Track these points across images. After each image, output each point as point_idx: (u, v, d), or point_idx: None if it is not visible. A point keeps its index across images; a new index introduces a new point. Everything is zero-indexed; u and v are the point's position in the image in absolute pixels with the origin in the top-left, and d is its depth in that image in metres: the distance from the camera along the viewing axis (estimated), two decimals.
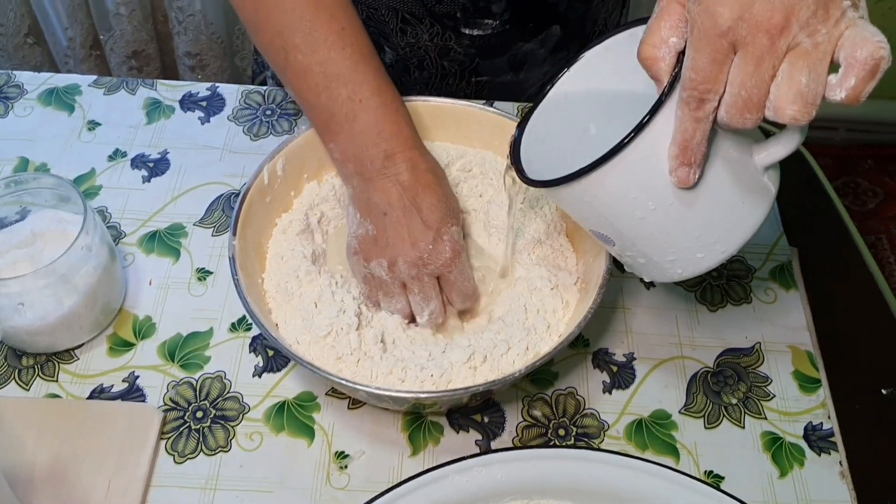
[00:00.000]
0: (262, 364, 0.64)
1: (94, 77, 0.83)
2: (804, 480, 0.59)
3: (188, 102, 0.81)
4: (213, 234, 0.71)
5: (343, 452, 0.59)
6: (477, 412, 0.62)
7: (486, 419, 0.61)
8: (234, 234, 0.60)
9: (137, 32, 1.59)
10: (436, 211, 0.58)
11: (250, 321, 0.64)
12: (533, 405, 0.62)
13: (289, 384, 0.63)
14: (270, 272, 0.63)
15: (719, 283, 0.69)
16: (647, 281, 0.57)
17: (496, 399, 0.62)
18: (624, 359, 0.65)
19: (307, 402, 0.62)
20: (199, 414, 0.61)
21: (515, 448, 0.54)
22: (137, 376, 0.63)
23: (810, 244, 0.73)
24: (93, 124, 0.79)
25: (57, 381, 0.62)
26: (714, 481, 0.59)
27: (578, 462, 0.54)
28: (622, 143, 0.44)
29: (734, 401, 0.63)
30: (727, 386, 0.64)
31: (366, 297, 0.61)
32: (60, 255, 0.57)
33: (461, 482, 0.53)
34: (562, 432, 0.61)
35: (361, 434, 0.60)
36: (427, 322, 0.60)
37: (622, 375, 0.64)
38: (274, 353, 0.64)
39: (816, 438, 0.61)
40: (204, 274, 0.69)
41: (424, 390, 0.56)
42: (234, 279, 0.58)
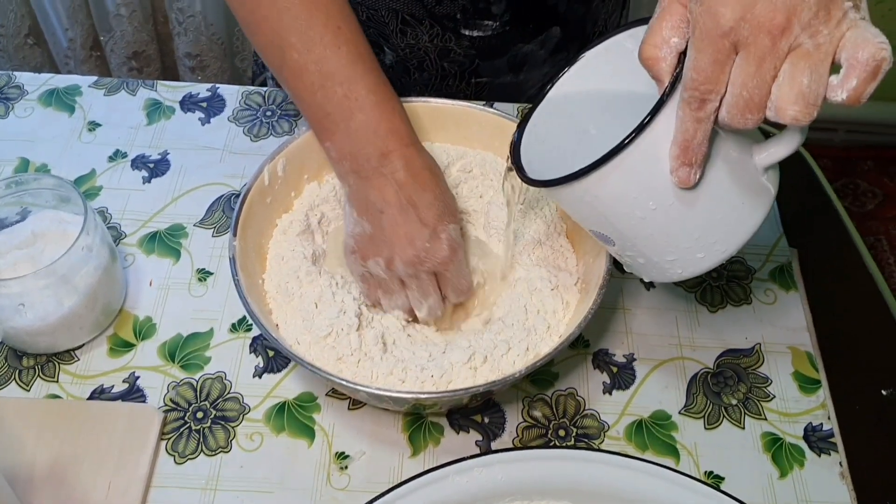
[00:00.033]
0: (262, 365, 0.64)
1: (95, 78, 0.83)
2: (804, 481, 0.59)
3: (188, 103, 0.81)
4: (213, 235, 0.71)
5: (343, 453, 0.59)
6: (477, 413, 0.62)
7: (486, 420, 0.61)
8: (235, 235, 0.60)
9: (138, 33, 1.59)
10: (433, 209, 0.58)
11: (251, 322, 0.64)
12: (533, 406, 0.62)
13: (289, 385, 0.63)
14: (271, 273, 0.63)
15: (719, 284, 0.69)
16: (646, 281, 0.57)
17: (496, 400, 0.62)
18: (624, 359, 0.65)
19: (307, 402, 0.62)
20: (200, 414, 0.61)
21: (515, 449, 0.54)
22: (138, 377, 0.63)
23: (810, 245, 0.73)
24: (93, 125, 0.79)
25: (57, 381, 0.62)
26: (714, 482, 0.59)
27: (578, 463, 0.54)
28: (623, 144, 0.44)
29: (734, 401, 0.63)
30: (727, 387, 0.64)
31: (364, 295, 0.61)
32: (61, 256, 0.57)
33: (461, 483, 0.53)
34: (562, 433, 0.61)
35: (362, 434, 0.60)
36: (427, 315, 0.60)
37: (622, 376, 0.64)
38: (274, 354, 0.64)
39: (816, 439, 0.61)
40: (204, 274, 0.69)
41: (425, 391, 0.56)
42: (234, 280, 0.58)
